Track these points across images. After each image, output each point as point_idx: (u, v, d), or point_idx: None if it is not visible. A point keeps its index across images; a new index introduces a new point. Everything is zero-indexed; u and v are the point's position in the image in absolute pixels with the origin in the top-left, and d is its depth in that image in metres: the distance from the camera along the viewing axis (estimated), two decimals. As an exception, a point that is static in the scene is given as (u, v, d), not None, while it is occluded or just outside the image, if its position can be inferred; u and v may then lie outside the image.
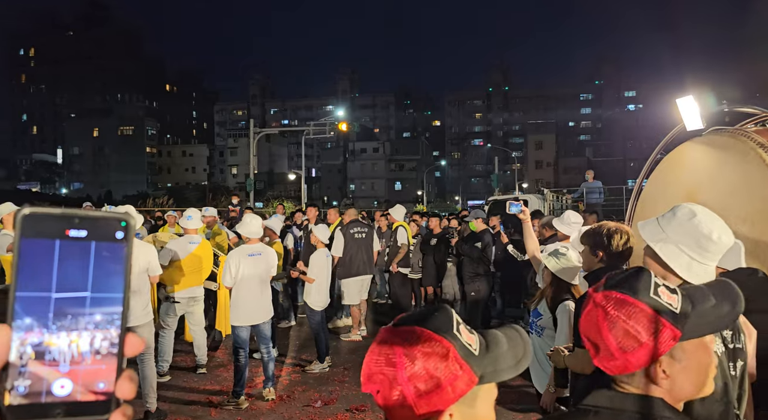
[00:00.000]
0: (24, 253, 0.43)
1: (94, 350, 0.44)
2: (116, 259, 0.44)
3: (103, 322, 0.44)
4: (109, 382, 0.44)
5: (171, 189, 63.70)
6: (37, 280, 0.43)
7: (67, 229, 0.43)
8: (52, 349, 0.43)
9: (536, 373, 3.61)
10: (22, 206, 0.44)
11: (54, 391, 0.43)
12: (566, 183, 46.12)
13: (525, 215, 3.65)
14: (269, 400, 5.32)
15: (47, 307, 0.43)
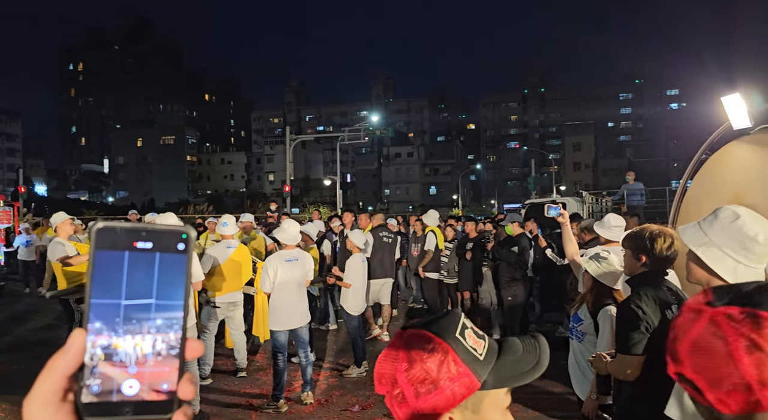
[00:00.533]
0: (97, 264, 0.46)
1: (158, 353, 0.47)
2: (178, 268, 0.48)
3: (166, 327, 0.47)
4: (171, 383, 0.47)
5: (210, 196, 65.24)
6: (108, 289, 0.46)
7: (135, 241, 0.47)
8: (119, 352, 0.46)
9: (577, 379, 3.53)
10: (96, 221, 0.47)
11: (123, 390, 0.46)
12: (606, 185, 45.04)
13: (564, 218, 3.59)
14: (308, 404, 5.37)
15: (117, 313, 0.46)
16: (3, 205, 13.18)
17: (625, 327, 2.45)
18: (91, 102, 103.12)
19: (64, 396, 0.46)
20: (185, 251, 0.48)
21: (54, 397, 0.45)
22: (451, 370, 0.83)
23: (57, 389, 0.45)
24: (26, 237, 12.95)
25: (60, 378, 0.45)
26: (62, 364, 0.45)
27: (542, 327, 8.68)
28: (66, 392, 0.46)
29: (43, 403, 0.45)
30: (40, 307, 10.52)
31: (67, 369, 0.45)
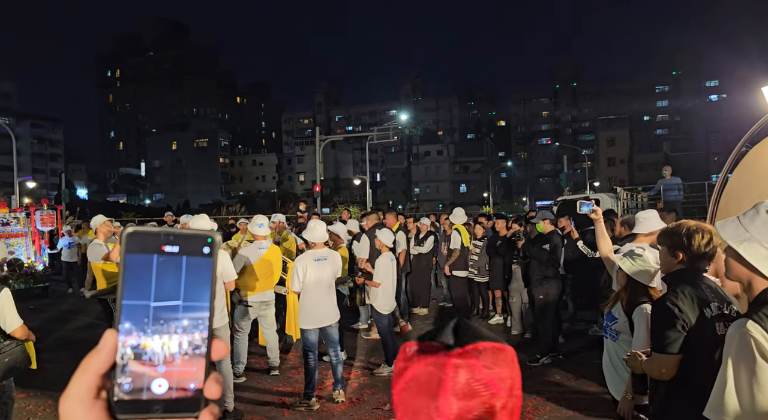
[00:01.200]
0: (128, 267, 0.48)
1: (185, 353, 0.48)
2: (204, 271, 0.49)
3: (192, 327, 0.48)
4: (198, 382, 0.48)
5: (243, 197, 66.30)
6: (138, 291, 0.48)
7: (163, 245, 0.48)
8: (148, 351, 0.47)
9: (612, 378, 3.46)
10: (126, 226, 0.50)
11: (153, 389, 0.47)
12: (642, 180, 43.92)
13: (597, 215, 3.51)
14: (339, 403, 5.40)
15: (147, 314, 0.48)
16: (47, 208, 13.66)
17: (660, 325, 2.39)
18: (128, 107, 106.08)
19: (98, 393, 0.47)
20: (210, 255, 0.49)
21: (88, 394, 0.47)
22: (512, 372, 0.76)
23: (91, 387, 0.47)
24: (69, 239, 13.40)
25: (93, 376, 0.47)
26: (95, 363, 0.47)
27: (575, 326, 8.53)
28: (99, 390, 0.47)
29: (78, 400, 0.47)
30: (82, 307, 10.88)
31: (101, 367, 0.47)
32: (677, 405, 2.39)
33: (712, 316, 2.30)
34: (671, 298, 2.37)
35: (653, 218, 3.99)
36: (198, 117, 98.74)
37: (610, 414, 4.70)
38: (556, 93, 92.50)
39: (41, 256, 13.16)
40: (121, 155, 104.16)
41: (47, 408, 5.47)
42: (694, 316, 2.30)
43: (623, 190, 14.31)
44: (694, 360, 2.32)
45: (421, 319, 9.43)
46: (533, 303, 7.33)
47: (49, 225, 13.45)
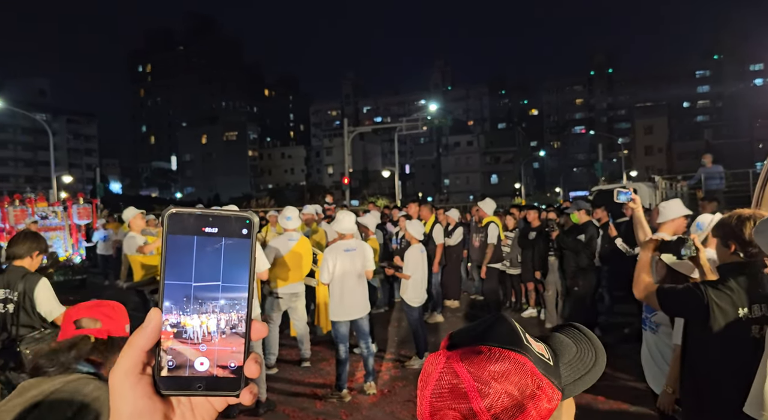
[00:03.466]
0: (170, 248, 0.49)
1: (225, 332, 0.49)
2: (242, 252, 0.50)
3: (232, 307, 0.49)
4: (238, 362, 0.49)
5: (272, 190, 67.07)
6: (180, 271, 0.49)
7: (203, 226, 0.49)
8: (190, 330, 0.49)
9: (651, 371, 3.34)
10: (168, 207, 0.51)
11: (195, 366, 0.49)
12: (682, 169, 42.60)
13: (635, 203, 3.37)
14: (370, 394, 5.39)
15: (188, 294, 0.49)
16: (83, 202, 14.02)
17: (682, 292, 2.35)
18: (159, 102, 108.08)
19: (144, 369, 0.49)
20: (248, 236, 0.50)
21: (134, 369, 0.49)
22: (531, 385, 0.69)
23: (137, 362, 0.49)
24: (104, 232, 13.74)
25: (139, 352, 0.49)
26: (141, 340, 0.49)
27: (612, 319, 8.33)
28: (145, 366, 0.49)
29: (124, 375, 0.48)
30: (118, 299, 11.13)
31: (145, 344, 0.49)
32: (709, 401, 2.34)
33: (749, 318, 2.23)
34: (711, 283, 2.30)
35: (674, 205, 3.84)
36: (227, 110, 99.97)
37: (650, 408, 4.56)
38: (591, 80, 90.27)
39: (78, 248, 13.53)
40: (152, 149, 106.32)
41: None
42: (729, 311, 2.22)
43: (662, 179, 13.86)
44: (727, 358, 2.26)
45: (452, 312, 9.35)
46: (569, 295, 7.17)
47: (85, 218, 13.80)
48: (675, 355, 2.81)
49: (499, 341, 0.71)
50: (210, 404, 0.51)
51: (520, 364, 0.69)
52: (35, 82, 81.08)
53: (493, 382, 0.68)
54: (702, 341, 2.35)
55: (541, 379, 0.70)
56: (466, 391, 0.68)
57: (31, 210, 12.58)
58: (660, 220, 3.82)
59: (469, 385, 0.68)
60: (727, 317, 2.23)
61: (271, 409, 5.09)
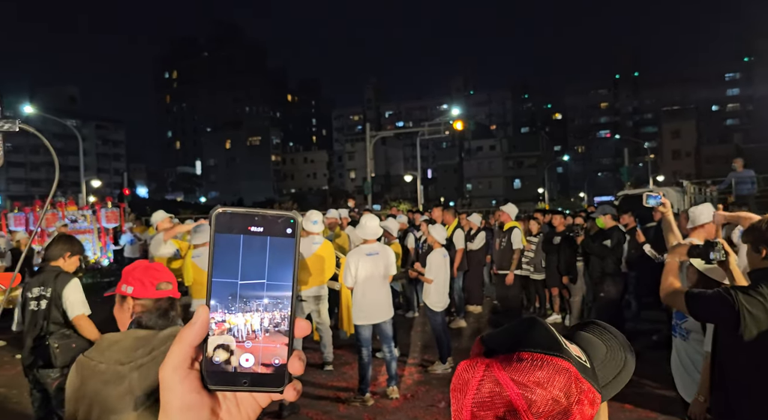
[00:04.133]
0: (217, 246, 0.50)
1: (270, 330, 0.50)
2: (287, 251, 0.51)
3: (276, 305, 0.50)
4: (282, 358, 0.50)
5: (294, 194, 67.50)
6: (226, 269, 0.49)
7: (249, 225, 0.50)
8: (235, 327, 0.50)
9: (682, 379, 3.27)
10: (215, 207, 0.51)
11: (241, 362, 0.50)
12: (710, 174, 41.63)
13: (665, 207, 3.31)
14: (393, 399, 5.37)
15: (234, 292, 0.49)
16: (111, 206, 14.31)
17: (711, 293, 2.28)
18: (184, 107, 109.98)
19: (192, 364, 0.50)
20: (293, 235, 0.51)
21: (183, 364, 0.50)
22: (576, 391, 0.67)
23: (185, 357, 0.50)
24: (131, 236, 14.01)
25: (188, 348, 0.50)
26: (189, 336, 0.50)
27: (639, 326, 8.17)
28: (193, 361, 0.50)
29: (173, 369, 0.50)
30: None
31: (194, 340, 0.50)
32: (740, 410, 2.29)
33: None
34: (742, 289, 2.23)
35: (705, 210, 3.78)
36: (251, 116, 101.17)
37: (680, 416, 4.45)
38: (616, 83, 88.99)
39: (106, 251, 13.81)
40: (178, 154, 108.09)
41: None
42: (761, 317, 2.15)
43: (690, 183, 13.54)
44: (759, 366, 2.20)
45: (474, 317, 9.28)
46: (595, 301, 7.06)
47: (113, 222, 14.08)
48: (706, 362, 2.75)
49: (539, 346, 0.69)
50: (254, 400, 0.52)
51: (564, 370, 0.67)
52: (66, 89, 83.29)
53: (538, 389, 0.66)
54: (732, 348, 2.29)
55: (583, 383, 0.68)
56: (510, 399, 0.67)
57: (62, 213, 12.90)
58: (691, 225, 3.74)
59: (513, 393, 0.66)
60: (759, 324, 2.17)
61: (295, 412, 5.11)
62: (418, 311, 8.96)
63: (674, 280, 2.56)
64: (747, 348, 2.20)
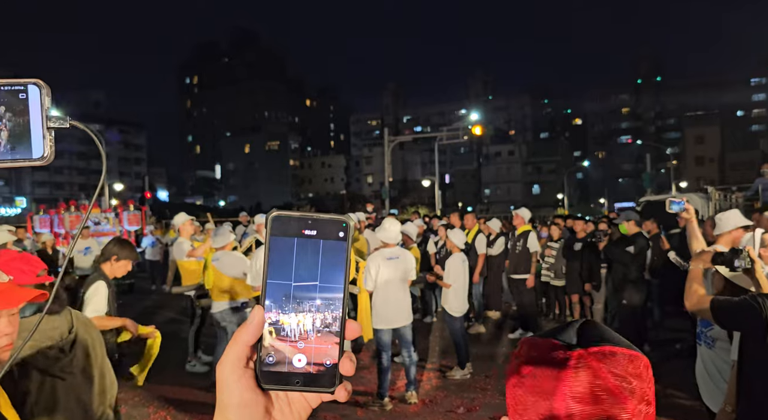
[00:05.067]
0: (272, 248, 0.51)
1: (321, 331, 0.51)
2: (339, 254, 0.51)
3: (328, 307, 0.51)
4: (333, 359, 0.51)
5: (312, 199, 67.91)
6: (281, 271, 0.51)
7: (303, 229, 0.51)
8: (289, 328, 0.51)
9: (707, 388, 3.20)
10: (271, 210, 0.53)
11: (293, 363, 0.51)
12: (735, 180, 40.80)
13: (689, 213, 3.26)
14: (412, 404, 5.35)
15: (288, 293, 0.51)
16: (133, 209, 14.53)
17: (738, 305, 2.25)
18: (204, 112, 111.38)
19: (247, 363, 0.51)
20: (345, 239, 0.51)
21: (239, 363, 0.51)
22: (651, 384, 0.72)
23: (241, 356, 0.51)
24: (152, 238, 14.21)
25: (244, 347, 0.51)
26: (245, 335, 0.51)
27: (662, 334, 8.04)
28: (248, 360, 0.52)
29: (230, 368, 0.51)
30: (165, 303, 11.46)
31: (249, 340, 0.51)
32: None
33: None
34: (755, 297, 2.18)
35: (733, 216, 3.70)
36: (269, 121, 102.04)
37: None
38: (638, 88, 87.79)
39: (129, 253, 14.00)
40: (198, 159, 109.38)
41: (136, 396, 5.76)
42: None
43: (715, 190, 13.28)
44: None
45: (493, 323, 9.21)
46: (619, 307, 6.97)
47: (135, 225, 14.30)
48: (733, 371, 2.68)
49: (621, 343, 0.71)
50: (305, 400, 0.53)
51: (646, 365, 0.71)
52: (91, 93, 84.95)
53: (635, 381, 0.69)
54: (759, 357, 2.24)
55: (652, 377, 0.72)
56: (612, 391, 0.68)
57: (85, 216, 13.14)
58: (717, 231, 3.67)
59: (615, 385, 0.68)
60: None
61: (313, 415, 5.11)
62: (436, 316, 8.97)
63: (699, 287, 2.52)
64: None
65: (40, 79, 0.55)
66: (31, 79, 0.55)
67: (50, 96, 0.55)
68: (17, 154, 0.54)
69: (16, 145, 0.54)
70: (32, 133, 0.55)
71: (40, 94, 0.55)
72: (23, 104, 0.54)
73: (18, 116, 0.54)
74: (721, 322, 2.38)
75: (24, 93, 0.55)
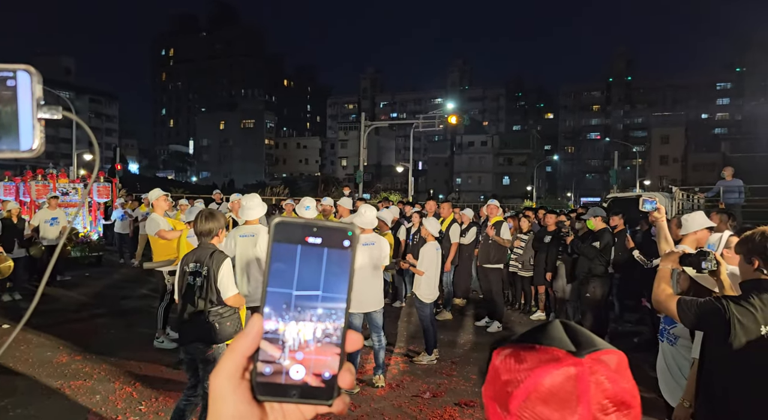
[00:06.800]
0: (274, 255, 0.49)
1: (321, 342, 0.49)
2: (343, 263, 0.50)
3: (330, 318, 0.49)
4: (333, 371, 0.49)
5: (286, 179, 67.24)
6: (282, 279, 0.49)
7: (307, 236, 0.49)
8: (287, 338, 0.49)
9: (667, 383, 3.37)
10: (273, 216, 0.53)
11: (291, 374, 0.49)
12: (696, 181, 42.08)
13: (660, 213, 3.39)
14: (379, 387, 5.46)
15: (289, 302, 0.49)
16: (103, 181, 14.20)
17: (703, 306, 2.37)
18: (180, 86, 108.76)
19: (244, 374, 0.50)
20: (350, 248, 0.50)
21: (236, 373, 0.50)
22: None
23: (238, 367, 0.50)
24: (122, 211, 13.93)
25: (240, 357, 0.50)
26: (243, 345, 0.49)
27: (622, 327, 8.34)
28: (245, 371, 0.50)
29: (226, 378, 0.50)
30: (135, 278, 11.30)
31: (247, 350, 0.49)
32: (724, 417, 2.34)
33: None
34: (733, 298, 2.30)
35: (698, 218, 3.87)
36: (246, 98, 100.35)
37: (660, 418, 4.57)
38: (609, 86, 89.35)
39: (96, 226, 13.72)
40: (171, 133, 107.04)
41: (102, 371, 5.73)
42: (751, 328, 2.22)
43: (679, 190, 13.72)
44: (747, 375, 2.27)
45: (459, 310, 9.39)
46: (580, 300, 7.19)
47: (104, 197, 13.99)
48: (693, 368, 2.81)
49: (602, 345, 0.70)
50: (300, 412, 0.52)
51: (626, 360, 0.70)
52: (61, 60, 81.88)
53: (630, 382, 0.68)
54: (720, 357, 2.33)
55: None
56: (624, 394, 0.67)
57: (53, 185, 12.77)
58: (683, 231, 3.83)
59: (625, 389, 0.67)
60: (749, 334, 2.21)
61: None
62: (406, 302, 9.11)
63: (666, 286, 2.62)
64: (735, 357, 2.24)
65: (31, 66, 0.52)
66: (22, 65, 0.53)
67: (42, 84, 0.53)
68: (3, 144, 0.52)
69: (2, 135, 0.52)
70: (20, 123, 0.52)
71: (30, 82, 0.52)
72: (11, 92, 0.52)
73: (5, 104, 0.52)
74: (686, 322, 2.48)
75: (13, 80, 0.52)
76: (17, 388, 5.23)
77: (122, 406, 4.87)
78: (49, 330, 7.07)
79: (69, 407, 4.86)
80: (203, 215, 3.96)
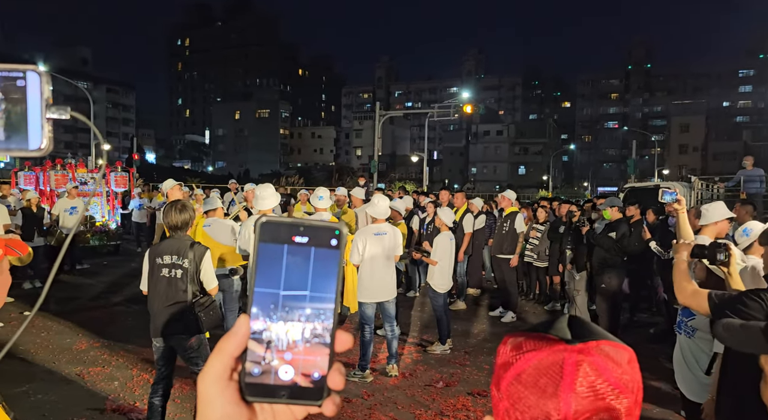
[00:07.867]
0: (261, 255, 0.49)
1: (310, 342, 0.49)
2: (331, 262, 0.50)
3: (318, 317, 0.49)
4: (322, 371, 0.49)
5: (300, 169, 67.44)
6: (269, 279, 0.49)
7: (294, 235, 0.49)
8: (275, 338, 0.49)
9: (683, 376, 3.32)
10: (260, 216, 0.51)
11: (280, 375, 0.49)
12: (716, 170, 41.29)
13: (680, 204, 3.31)
14: (392, 376, 5.48)
15: (276, 302, 0.49)
16: (120, 170, 14.36)
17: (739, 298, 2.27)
18: (195, 76, 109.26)
19: (232, 375, 0.50)
20: (338, 247, 0.50)
21: (223, 375, 0.49)
22: None
23: (226, 368, 0.49)
24: (140, 201, 14.09)
25: (228, 358, 0.49)
26: (230, 346, 0.49)
27: (636, 317, 8.27)
28: (233, 371, 0.50)
29: (213, 380, 0.49)
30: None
31: (235, 350, 0.49)
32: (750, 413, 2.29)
33: None
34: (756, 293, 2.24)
35: (718, 208, 3.79)
36: (261, 88, 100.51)
37: (675, 409, 4.53)
38: (628, 74, 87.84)
39: (114, 215, 13.91)
40: (187, 122, 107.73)
41: (120, 358, 5.82)
42: None
43: (698, 179, 13.46)
44: None
45: (473, 300, 9.37)
46: (595, 291, 7.13)
47: (122, 186, 14.16)
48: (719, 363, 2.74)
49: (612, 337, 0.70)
50: (290, 412, 0.51)
51: (634, 358, 0.70)
52: (79, 50, 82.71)
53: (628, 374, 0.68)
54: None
55: None
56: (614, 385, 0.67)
57: (72, 175, 12.94)
58: (703, 222, 3.75)
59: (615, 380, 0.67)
60: None
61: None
62: (419, 291, 9.11)
63: (687, 283, 2.53)
64: None
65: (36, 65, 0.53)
66: (30, 66, 0.53)
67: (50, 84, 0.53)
68: (12, 143, 0.53)
69: (11, 134, 0.52)
70: (29, 122, 0.53)
71: (39, 82, 0.53)
72: (21, 92, 0.52)
73: (14, 104, 0.52)
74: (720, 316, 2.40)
75: (22, 80, 0.52)
76: (38, 374, 5.34)
77: (140, 392, 4.96)
78: (68, 317, 7.21)
79: (88, 393, 4.96)
80: (176, 208, 3.88)
